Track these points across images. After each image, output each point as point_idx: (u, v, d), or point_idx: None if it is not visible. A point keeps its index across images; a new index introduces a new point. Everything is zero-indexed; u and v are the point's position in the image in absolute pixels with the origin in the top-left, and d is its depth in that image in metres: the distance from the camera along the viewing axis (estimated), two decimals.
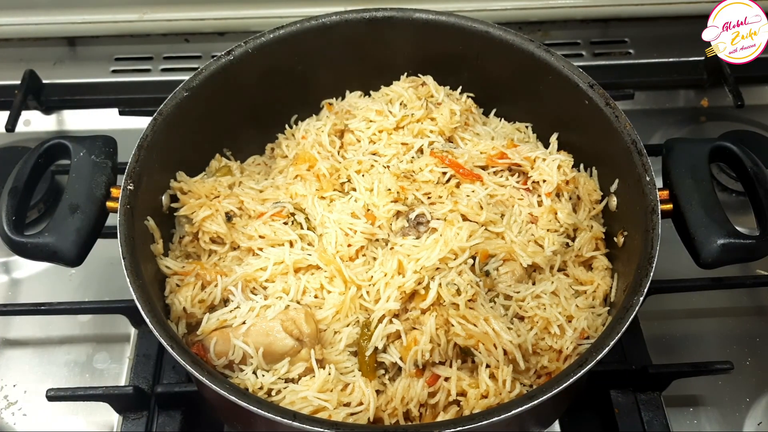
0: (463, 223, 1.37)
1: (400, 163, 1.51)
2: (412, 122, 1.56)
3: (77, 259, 1.32)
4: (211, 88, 1.49)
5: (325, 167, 1.50)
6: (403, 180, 1.45)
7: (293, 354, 1.27)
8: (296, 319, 1.26)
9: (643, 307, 1.20)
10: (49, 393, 1.45)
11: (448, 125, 1.56)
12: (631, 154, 1.36)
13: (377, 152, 1.54)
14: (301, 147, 1.58)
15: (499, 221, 1.42)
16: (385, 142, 1.55)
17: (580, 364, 1.13)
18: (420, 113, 1.56)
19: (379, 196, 1.43)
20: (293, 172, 1.54)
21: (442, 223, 1.37)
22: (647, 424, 1.45)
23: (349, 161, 1.52)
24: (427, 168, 1.47)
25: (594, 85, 1.45)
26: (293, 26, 1.57)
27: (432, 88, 1.62)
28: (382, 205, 1.41)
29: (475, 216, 1.39)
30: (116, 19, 2.16)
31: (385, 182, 1.44)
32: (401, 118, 1.56)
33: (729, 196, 1.85)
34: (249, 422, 1.27)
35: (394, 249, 1.36)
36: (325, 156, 1.54)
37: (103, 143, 1.41)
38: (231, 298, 1.34)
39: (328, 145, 1.56)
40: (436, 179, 1.45)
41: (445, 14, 1.58)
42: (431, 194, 1.44)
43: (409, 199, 1.43)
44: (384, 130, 1.56)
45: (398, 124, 1.56)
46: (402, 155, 1.53)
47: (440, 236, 1.34)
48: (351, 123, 1.59)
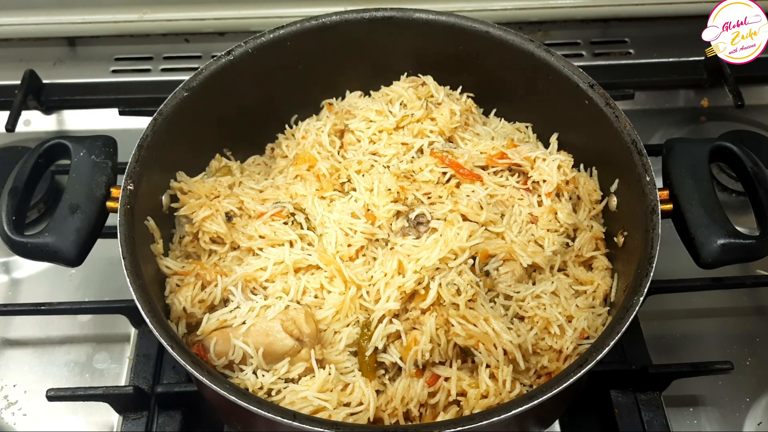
0: (463, 223, 1.37)
1: (400, 163, 1.51)
2: (412, 122, 1.57)
3: (77, 259, 1.32)
4: (211, 88, 1.49)
5: (325, 167, 1.50)
6: (403, 180, 1.45)
7: (293, 354, 1.26)
8: (296, 319, 1.26)
9: (643, 307, 1.20)
10: (49, 393, 1.44)
11: (448, 125, 1.56)
12: (631, 154, 1.36)
13: (377, 152, 1.54)
14: (301, 147, 1.58)
15: (499, 221, 1.42)
16: (385, 142, 1.55)
17: (580, 364, 1.13)
18: (420, 113, 1.56)
19: (379, 196, 1.43)
20: (293, 172, 1.54)
21: (442, 223, 1.37)
22: (647, 424, 1.45)
23: (349, 161, 1.53)
24: (427, 168, 1.47)
25: (594, 85, 1.45)
26: (293, 26, 1.57)
27: (432, 88, 1.63)
28: (382, 205, 1.41)
29: (475, 216, 1.39)
30: (116, 19, 2.16)
31: (385, 182, 1.44)
32: (401, 118, 1.56)
33: (729, 196, 1.85)
34: (249, 422, 1.27)
35: (394, 249, 1.36)
36: (325, 156, 1.54)
37: (103, 143, 1.41)
38: (231, 298, 1.34)
39: (328, 145, 1.56)
40: (436, 179, 1.46)
41: (445, 14, 1.58)
42: (431, 194, 1.44)
43: (409, 199, 1.43)
44: (384, 130, 1.56)
45: (398, 124, 1.57)
46: (402, 155, 1.53)
47: (440, 236, 1.34)
48: (351, 123, 1.59)
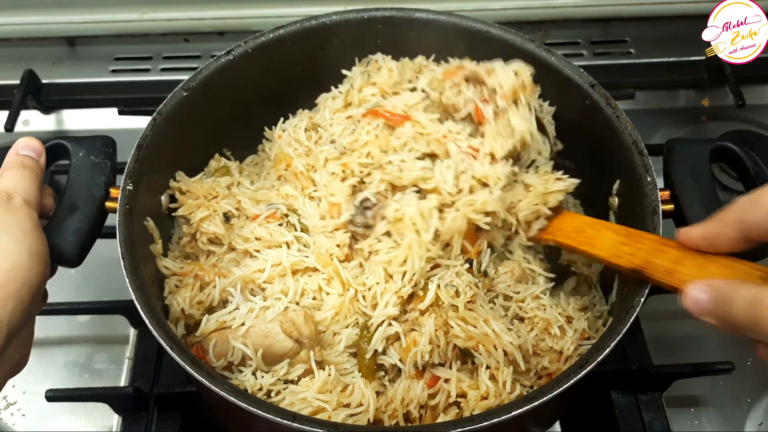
0: (414, 220, 1.29)
1: (345, 138, 1.47)
2: (355, 94, 1.54)
3: (77, 259, 1.32)
4: (210, 88, 1.49)
5: (301, 164, 1.48)
6: (343, 156, 1.42)
7: (293, 355, 1.26)
8: (295, 320, 1.26)
9: (644, 307, 1.20)
10: (49, 393, 1.44)
11: (387, 83, 1.52)
12: (632, 155, 1.35)
13: (333, 136, 1.51)
14: (278, 146, 1.56)
15: (429, 172, 1.33)
16: (335, 123, 1.52)
17: (581, 366, 1.13)
18: (359, 82, 1.54)
19: (330, 185, 1.40)
20: (274, 174, 1.53)
21: (389, 203, 1.33)
22: (648, 424, 1.45)
23: (315, 156, 1.49)
24: (364, 131, 1.43)
25: (595, 85, 1.45)
26: (293, 26, 1.56)
27: (380, 61, 1.59)
28: (338, 191, 1.38)
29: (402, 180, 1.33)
30: (116, 19, 2.15)
31: (329, 167, 1.42)
32: (345, 94, 1.54)
33: (730, 196, 1.84)
34: (248, 423, 1.27)
35: (371, 259, 1.34)
36: (300, 153, 1.51)
37: (102, 143, 1.41)
38: (230, 299, 1.34)
39: (305, 141, 1.53)
40: (374, 138, 1.42)
41: (445, 14, 1.57)
42: (371, 154, 1.40)
43: (355, 170, 1.39)
44: (336, 111, 1.54)
45: (346, 102, 1.54)
46: (349, 132, 1.48)
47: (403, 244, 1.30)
48: (315, 117, 1.58)
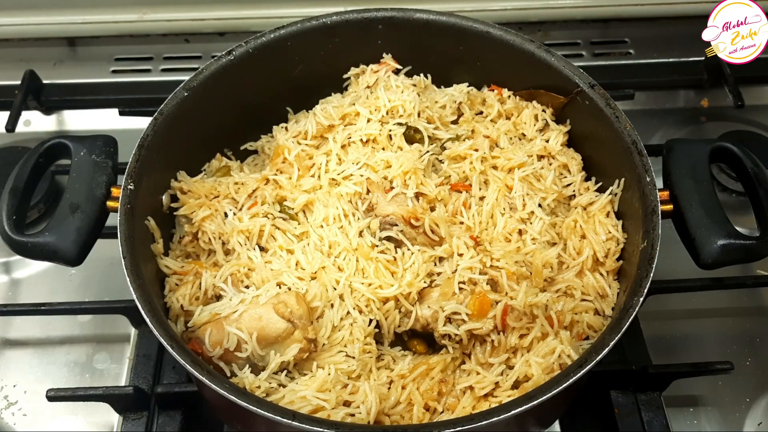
0: None
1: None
2: None
3: (77, 258, 1.32)
4: (211, 88, 1.49)
5: (295, 152, 1.48)
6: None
7: (287, 336, 1.26)
8: (287, 301, 1.27)
9: (643, 307, 1.20)
10: (49, 393, 1.44)
11: None
12: (631, 155, 1.35)
13: None
14: (276, 143, 1.56)
15: None
16: None
17: (580, 365, 1.13)
18: None
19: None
20: (271, 168, 1.51)
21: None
22: (647, 424, 1.45)
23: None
24: None
25: (594, 86, 1.45)
26: (293, 26, 1.56)
27: None
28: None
29: None
30: (116, 19, 2.16)
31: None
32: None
33: (729, 196, 1.85)
34: (249, 422, 1.27)
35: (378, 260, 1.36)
36: (297, 144, 1.51)
37: (104, 143, 1.41)
38: (222, 293, 1.34)
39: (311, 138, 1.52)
40: None
41: (446, 14, 1.58)
42: None
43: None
44: None
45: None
46: None
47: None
48: None
